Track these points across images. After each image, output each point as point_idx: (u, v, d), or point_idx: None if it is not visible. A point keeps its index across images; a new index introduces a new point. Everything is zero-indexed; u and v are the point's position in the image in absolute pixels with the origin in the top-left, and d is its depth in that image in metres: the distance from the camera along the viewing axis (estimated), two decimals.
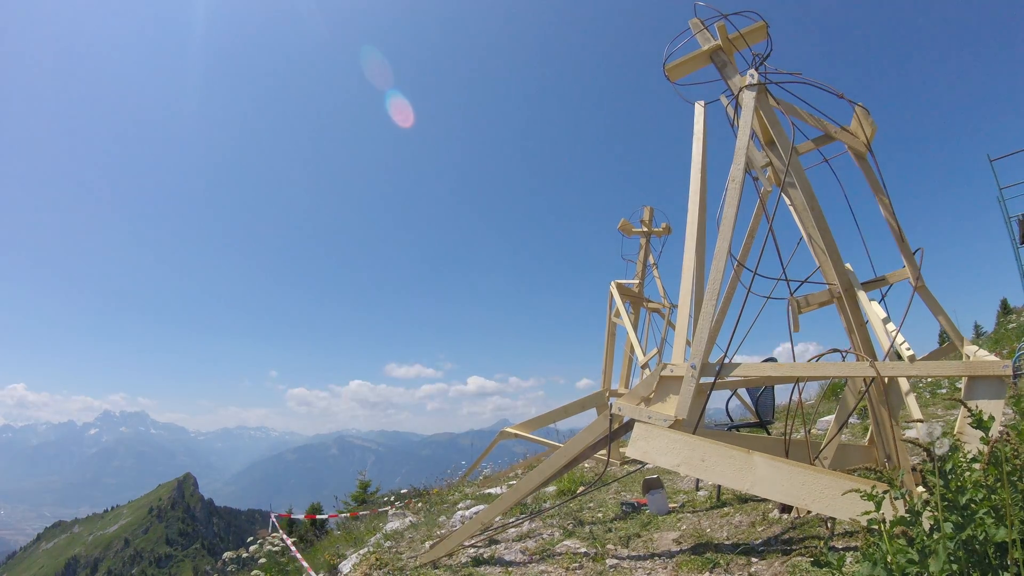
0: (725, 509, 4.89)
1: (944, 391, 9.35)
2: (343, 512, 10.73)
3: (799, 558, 3.42)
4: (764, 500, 4.60)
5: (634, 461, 7.99)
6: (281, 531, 7.01)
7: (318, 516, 9.17)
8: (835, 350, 4.08)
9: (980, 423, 2.17)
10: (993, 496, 1.90)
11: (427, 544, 4.77)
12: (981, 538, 1.83)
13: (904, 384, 4.53)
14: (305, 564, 5.23)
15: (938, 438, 2.26)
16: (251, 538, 6.57)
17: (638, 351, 9.15)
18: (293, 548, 6.02)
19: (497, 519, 4.91)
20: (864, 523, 2.17)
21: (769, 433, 5.59)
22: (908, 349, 4.37)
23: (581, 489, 6.03)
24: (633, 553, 4.05)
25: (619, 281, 9.75)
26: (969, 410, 2.33)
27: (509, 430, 8.88)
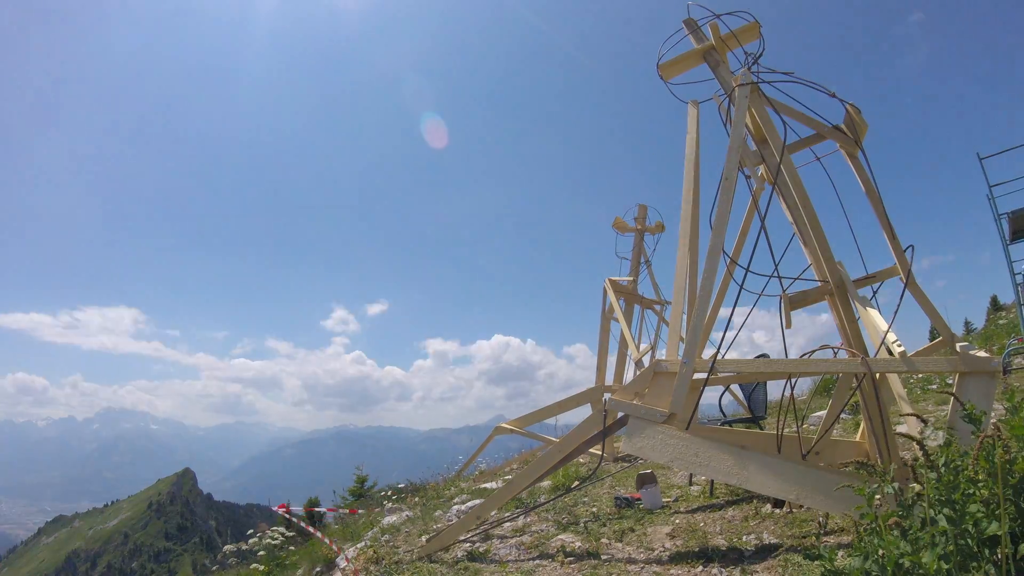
0: (718, 504, 4.94)
1: (935, 387, 9.40)
2: (340, 507, 10.78)
3: (792, 552, 3.47)
4: (757, 495, 4.66)
5: (628, 456, 8.05)
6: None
7: (316, 509, 9.28)
8: (827, 346, 4.12)
9: (971, 418, 2.21)
10: (983, 490, 1.94)
11: (423, 538, 4.81)
12: (973, 532, 1.87)
13: (895, 380, 4.58)
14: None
15: (931, 432, 2.31)
16: (251, 531, 6.60)
17: (632, 347, 9.19)
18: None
19: (493, 514, 4.96)
20: (856, 517, 2.22)
21: (762, 428, 5.63)
22: (899, 345, 4.41)
23: (576, 484, 6.08)
24: (627, 547, 4.10)
25: (613, 278, 9.78)
26: (962, 404, 2.37)
27: (504, 426, 8.93)
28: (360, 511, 7.31)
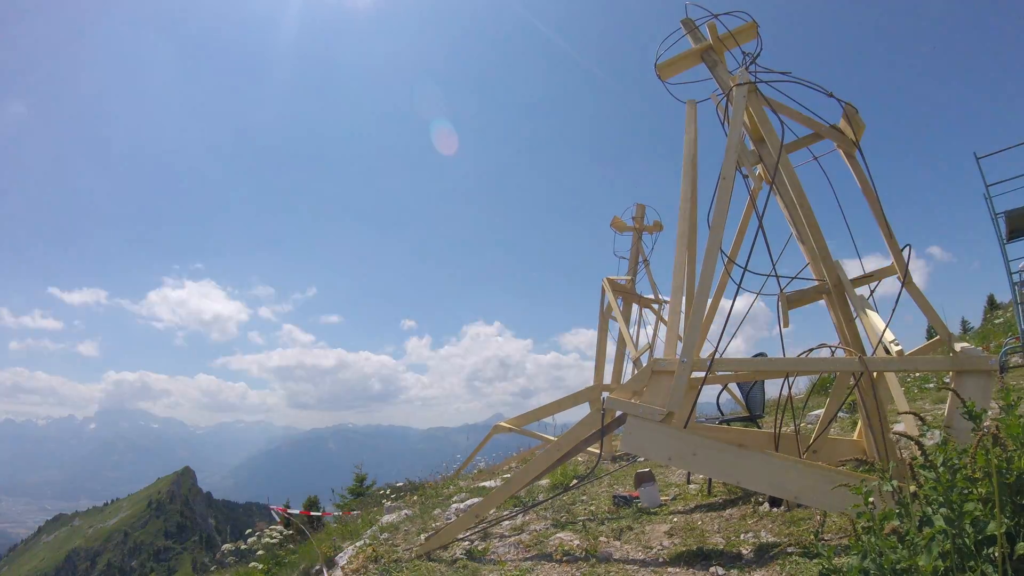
0: (716, 502, 4.95)
1: (932, 386, 9.41)
2: (339, 505, 10.81)
3: (789, 550, 3.48)
4: (754, 493, 4.67)
5: (626, 455, 8.07)
6: (280, 524, 7.09)
7: (312, 513, 9.33)
8: (824, 345, 4.14)
9: (971, 415, 2.22)
10: (981, 488, 1.95)
11: (422, 537, 4.83)
12: (970, 531, 1.88)
13: (892, 378, 4.60)
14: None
15: (927, 430, 2.31)
16: (249, 530, 6.62)
17: (630, 346, 9.20)
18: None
19: (491, 512, 4.97)
20: (853, 516, 2.23)
21: (759, 427, 5.65)
22: (896, 344, 4.43)
23: (574, 482, 6.09)
24: (625, 546, 4.11)
25: (611, 277, 9.79)
26: (962, 401, 2.38)
27: (503, 424, 8.94)
28: (347, 515, 7.33)
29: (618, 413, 4.16)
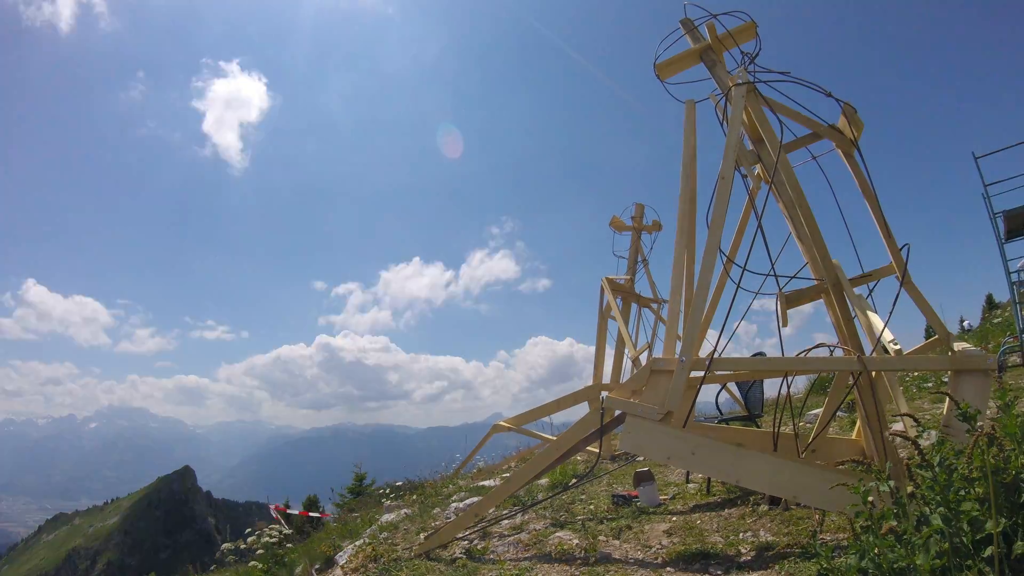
0: (715, 502, 4.96)
1: (930, 385, 9.42)
2: (338, 504, 10.81)
3: (788, 550, 3.49)
4: (753, 493, 4.67)
5: (625, 454, 8.07)
6: (282, 522, 7.09)
7: (311, 514, 9.35)
8: (823, 344, 4.14)
9: (966, 416, 2.22)
10: (978, 488, 1.95)
11: (422, 536, 4.84)
12: (967, 531, 1.88)
13: (891, 378, 4.60)
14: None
15: (924, 431, 2.32)
16: (249, 529, 6.61)
17: (629, 346, 9.21)
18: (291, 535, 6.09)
19: (490, 511, 4.98)
20: (852, 516, 2.23)
21: (758, 426, 5.65)
22: (895, 343, 4.43)
23: (573, 482, 6.09)
24: (624, 545, 4.11)
25: (610, 277, 9.80)
26: (956, 403, 2.38)
27: (502, 423, 8.94)
28: (348, 514, 7.31)
29: (617, 412, 4.17)
